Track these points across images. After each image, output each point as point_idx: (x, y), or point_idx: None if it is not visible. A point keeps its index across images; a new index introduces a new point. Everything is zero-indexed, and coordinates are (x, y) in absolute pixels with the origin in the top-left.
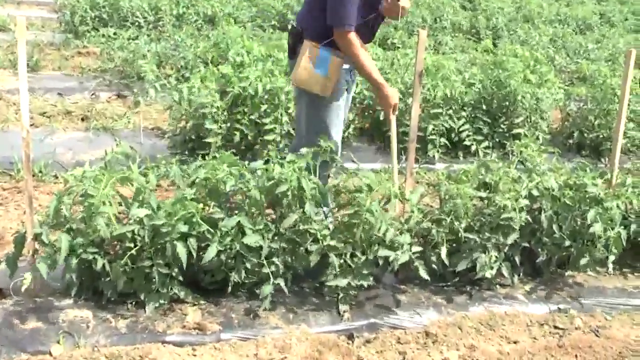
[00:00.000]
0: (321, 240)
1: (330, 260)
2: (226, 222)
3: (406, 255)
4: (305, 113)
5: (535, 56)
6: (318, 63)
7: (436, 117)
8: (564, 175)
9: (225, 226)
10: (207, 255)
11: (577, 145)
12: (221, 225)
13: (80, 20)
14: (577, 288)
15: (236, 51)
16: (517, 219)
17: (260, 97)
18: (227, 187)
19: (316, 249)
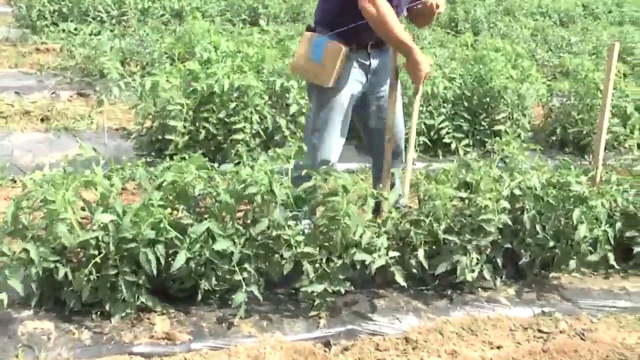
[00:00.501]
0: (295, 247)
1: (304, 267)
2: (195, 229)
3: (383, 260)
4: (309, 108)
5: (516, 50)
6: (313, 50)
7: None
8: (547, 174)
9: (194, 232)
10: (175, 263)
11: (560, 142)
12: (190, 231)
13: (38, 14)
14: (562, 290)
15: (203, 47)
16: (497, 220)
17: (228, 95)
18: (196, 191)
19: (289, 256)
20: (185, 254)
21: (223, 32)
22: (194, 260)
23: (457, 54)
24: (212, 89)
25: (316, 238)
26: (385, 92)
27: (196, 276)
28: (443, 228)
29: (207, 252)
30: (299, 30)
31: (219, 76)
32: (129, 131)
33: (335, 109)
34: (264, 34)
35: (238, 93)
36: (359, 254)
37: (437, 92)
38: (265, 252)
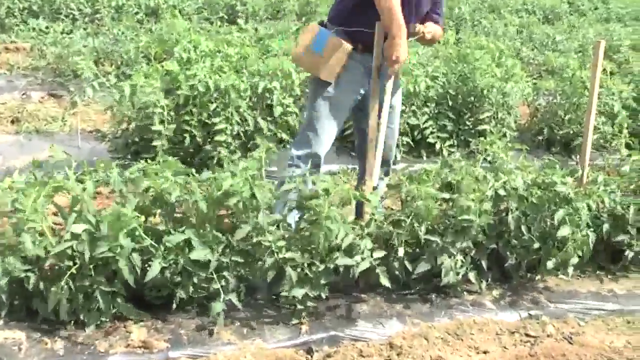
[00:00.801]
0: (276, 253)
1: (287, 273)
2: (171, 238)
3: (367, 262)
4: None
5: (500, 48)
6: (316, 41)
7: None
8: (532, 174)
9: (170, 242)
10: (150, 273)
11: (546, 142)
12: (165, 240)
13: (7, 11)
14: (549, 293)
15: (182, 46)
16: (478, 221)
17: (209, 96)
18: (173, 197)
19: (271, 263)
20: (160, 263)
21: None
22: (170, 269)
23: (440, 52)
24: (193, 90)
25: (298, 242)
26: (395, 100)
27: (172, 285)
28: (425, 229)
29: (182, 260)
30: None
31: (200, 77)
32: (103, 133)
33: (333, 106)
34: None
35: (218, 94)
36: (342, 259)
37: (419, 91)
38: (245, 259)
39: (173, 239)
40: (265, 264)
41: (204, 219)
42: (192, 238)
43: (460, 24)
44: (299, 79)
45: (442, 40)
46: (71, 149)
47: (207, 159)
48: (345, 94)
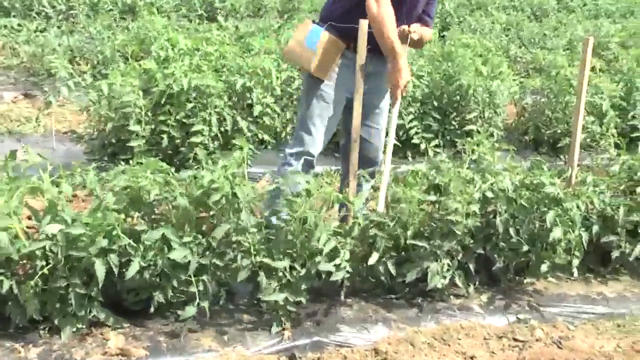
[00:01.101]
0: (254, 255)
1: (259, 279)
2: (149, 235)
3: (343, 272)
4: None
5: (487, 46)
6: (309, 37)
7: None
8: (520, 175)
9: (149, 239)
10: (129, 272)
11: (534, 142)
12: (144, 238)
13: None
14: (537, 296)
15: (160, 44)
16: (464, 223)
17: (186, 95)
18: (151, 196)
19: (248, 264)
20: (139, 263)
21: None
22: (149, 270)
23: (424, 51)
24: (170, 90)
25: (279, 245)
26: (377, 101)
27: (151, 287)
28: (411, 233)
29: (161, 261)
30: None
31: (177, 76)
32: (79, 134)
33: (325, 104)
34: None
35: (196, 93)
36: (323, 264)
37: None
38: (225, 261)
39: (151, 236)
40: (242, 265)
41: (183, 219)
42: (170, 237)
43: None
44: (279, 78)
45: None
46: (46, 150)
47: (185, 160)
48: (338, 92)
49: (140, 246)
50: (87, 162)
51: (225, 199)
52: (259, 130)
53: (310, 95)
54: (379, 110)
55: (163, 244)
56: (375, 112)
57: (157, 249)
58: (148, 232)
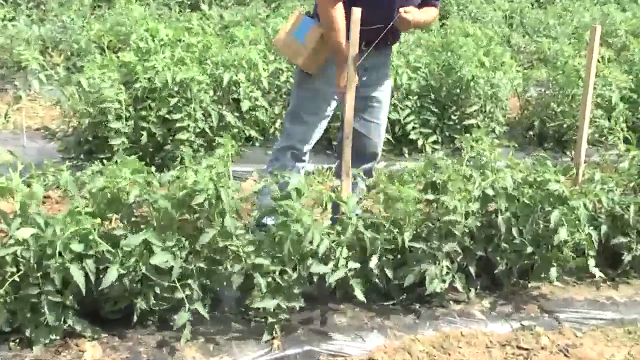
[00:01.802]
0: (244, 258)
1: (256, 280)
2: (129, 240)
3: (341, 272)
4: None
5: (488, 35)
6: (298, 29)
7: None
8: (523, 172)
9: (128, 245)
10: (106, 280)
11: (538, 137)
12: (123, 243)
13: None
14: (543, 301)
15: (139, 35)
16: (462, 223)
17: (169, 90)
18: (131, 197)
19: (239, 270)
20: (117, 269)
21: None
22: (129, 276)
23: (422, 40)
24: (152, 84)
25: (268, 247)
26: (377, 94)
27: (131, 295)
28: (408, 234)
29: (143, 267)
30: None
31: (159, 69)
32: (52, 131)
33: (314, 98)
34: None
35: (179, 87)
36: (316, 266)
37: (401, 84)
38: (210, 266)
39: (131, 241)
40: (232, 271)
41: (166, 223)
42: (152, 241)
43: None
44: (267, 70)
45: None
46: (16, 148)
47: (168, 159)
48: (329, 88)
49: (119, 252)
50: (61, 160)
51: (209, 202)
52: (246, 126)
53: (300, 89)
54: (379, 104)
55: (144, 249)
56: (374, 106)
57: (137, 255)
58: (128, 237)
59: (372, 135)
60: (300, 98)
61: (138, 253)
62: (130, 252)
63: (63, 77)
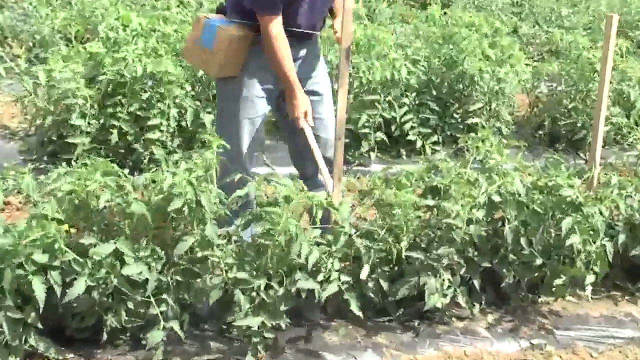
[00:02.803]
0: (225, 271)
1: (236, 297)
2: (98, 249)
3: (334, 286)
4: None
5: (495, 26)
6: (203, 35)
7: (371, 106)
8: (533, 176)
9: (98, 254)
10: (72, 291)
11: (549, 137)
12: (92, 252)
13: None
14: (554, 318)
15: (109, 24)
16: (465, 231)
17: (141, 84)
18: (101, 202)
19: (218, 283)
20: (86, 281)
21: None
22: (98, 289)
23: (422, 32)
24: (121, 77)
25: (252, 259)
26: (314, 87)
27: (101, 310)
28: (405, 243)
29: (114, 279)
30: None
31: (129, 60)
32: (12, 130)
33: (243, 105)
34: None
35: (152, 82)
36: (304, 281)
37: (400, 79)
38: (188, 278)
39: (101, 250)
40: (212, 284)
41: (139, 230)
42: (124, 251)
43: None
44: None
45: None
46: None
47: (140, 161)
48: (253, 87)
49: (88, 262)
50: (23, 162)
51: (188, 207)
52: None
53: (223, 96)
54: (319, 97)
55: (116, 259)
56: (312, 100)
57: (108, 265)
58: (97, 246)
59: (318, 131)
60: (227, 106)
61: (109, 264)
62: (100, 263)
63: (24, 70)
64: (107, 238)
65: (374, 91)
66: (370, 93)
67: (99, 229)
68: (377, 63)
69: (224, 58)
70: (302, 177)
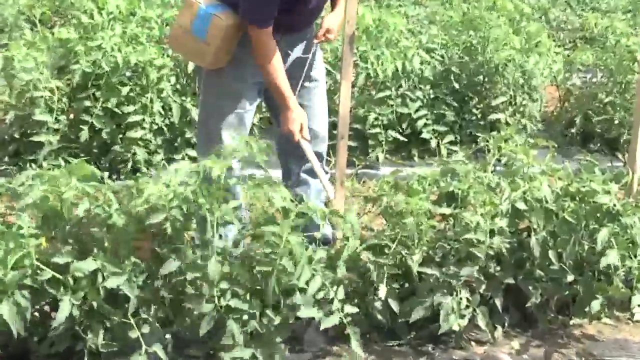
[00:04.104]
0: (217, 297)
1: (228, 327)
2: (80, 265)
3: (335, 317)
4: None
5: (521, 9)
6: (196, 22)
7: (381, 102)
8: (563, 180)
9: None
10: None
11: (582, 136)
12: (74, 268)
13: None
14: (588, 343)
15: (82, 6)
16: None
17: (120, 76)
18: (80, 211)
19: (209, 312)
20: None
21: None
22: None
23: (438, 16)
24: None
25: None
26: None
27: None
28: (417, 257)
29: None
30: None
31: (107, 49)
32: None
33: (230, 98)
34: None
35: (133, 73)
36: (305, 310)
37: (412, 69)
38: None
39: (82, 266)
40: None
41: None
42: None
43: None
44: None
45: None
46: None
47: (117, 163)
48: (244, 81)
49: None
50: None
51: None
52: None
53: (208, 88)
54: (314, 84)
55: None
56: (304, 85)
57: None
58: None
59: (312, 123)
60: (216, 104)
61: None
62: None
63: None
64: (83, 253)
65: (384, 85)
66: (379, 87)
67: (75, 241)
68: (387, 52)
69: (219, 49)
70: (285, 172)
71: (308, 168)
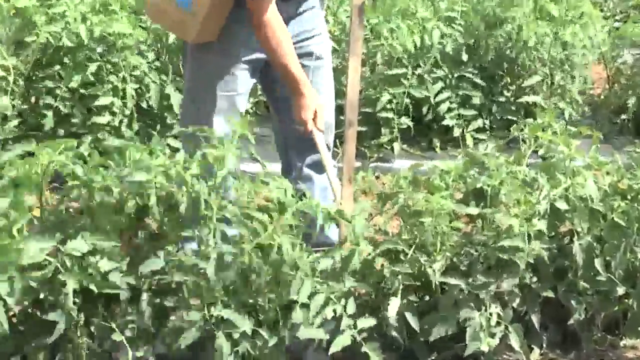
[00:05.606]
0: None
1: (218, 342)
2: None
3: (347, 338)
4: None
5: None
6: None
7: (395, 82)
8: (612, 176)
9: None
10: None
11: (634, 124)
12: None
13: None
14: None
15: None
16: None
17: (86, 51)
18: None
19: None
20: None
21: None
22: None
23: None
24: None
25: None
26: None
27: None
28: (439, 265)
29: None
30: None
31: (70, 20)
32: None
33: (220, 78)
34: None
35: (103, 48)
36: (305, 330)
37: (431, 44)
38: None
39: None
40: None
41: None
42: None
43: None
44: None
45: None
46: None
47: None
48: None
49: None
50: None
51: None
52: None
53: (195, 74)
54: (319, 62)
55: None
56: (311, 65)
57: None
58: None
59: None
60: (205, 83)
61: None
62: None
63: None
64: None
65: (399, 62)
66: (393, 65)
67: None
68: (403, 25)
69: (206, 19)
70: (286, 166)
71: (312, 162)
